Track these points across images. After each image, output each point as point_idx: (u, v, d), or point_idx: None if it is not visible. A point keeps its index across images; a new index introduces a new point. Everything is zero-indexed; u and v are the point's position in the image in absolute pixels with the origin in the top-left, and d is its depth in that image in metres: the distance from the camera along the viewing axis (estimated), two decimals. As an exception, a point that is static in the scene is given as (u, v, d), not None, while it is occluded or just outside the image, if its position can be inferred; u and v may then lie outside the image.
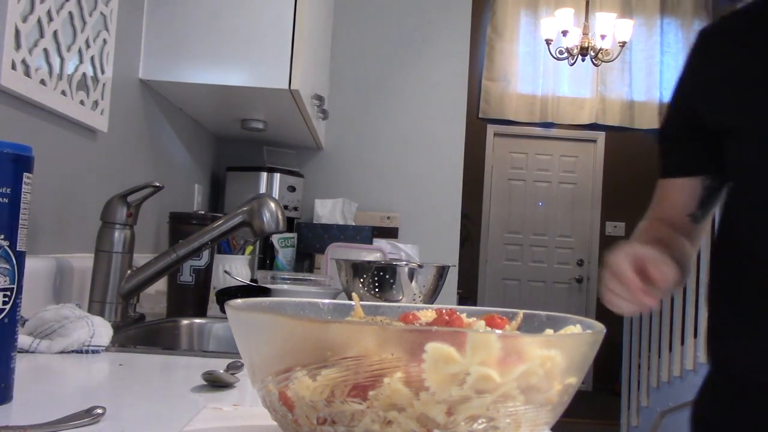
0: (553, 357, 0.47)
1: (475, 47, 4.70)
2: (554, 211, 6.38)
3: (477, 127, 6.07)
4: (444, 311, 0.54)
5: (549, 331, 0.58)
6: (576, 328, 0.55)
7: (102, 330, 0.98)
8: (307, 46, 1.91)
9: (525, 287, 6.36)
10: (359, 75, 3.03)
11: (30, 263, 0.79)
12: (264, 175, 2.62)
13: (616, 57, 5.37)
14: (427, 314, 0.61)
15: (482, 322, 0.52)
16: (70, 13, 1.31)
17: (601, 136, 6.30)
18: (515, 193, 6.39)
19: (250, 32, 1.80)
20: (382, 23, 3.08)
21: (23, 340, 0.92)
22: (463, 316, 0.58)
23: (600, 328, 0.53)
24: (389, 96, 3.03)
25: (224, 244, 1.99)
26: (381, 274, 1.50)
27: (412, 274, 1.52)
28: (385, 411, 0.45)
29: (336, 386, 0.46)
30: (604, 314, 1.03)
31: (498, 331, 0.47)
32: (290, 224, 2.65)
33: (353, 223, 2.81)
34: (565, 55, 5.32)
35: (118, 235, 1.23)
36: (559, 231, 6.37)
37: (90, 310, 1.20)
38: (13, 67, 1.11)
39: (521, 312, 0.62)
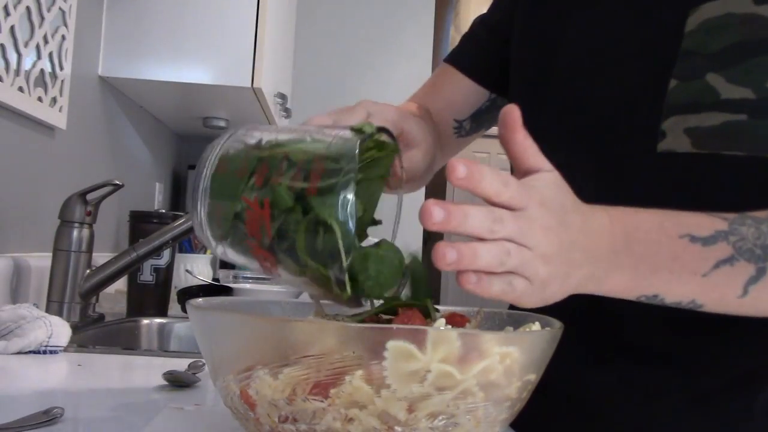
0: (513, 354, 0.47)
1: (438, 48, 4.72)
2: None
3: (440, 126, 6.09)
4: (405, 310, 0.55)
5: (509, 329, 0.59)
6: (535, 326, 0.56)
7: (60, 330, 0.97)
8: (270, 43, 1.90)
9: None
10: (322, 74, 3.03)
11: (-14, 262, 0.78)
12: (226, 173, 2.60)
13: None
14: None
15: (442, 320, 0.53)
16: (28, 8, 1.29)
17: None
18: (478, 192, 6.43)
19: (213, 29, 1.78)
20: (345, 22, 3.08)
21: (-21, 340, 0.91)
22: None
23: (558, 325, 0.54)
24: (352, 95, 3.03)
25: (186, 243, 1.97)
26: (344, 273, 1.50)
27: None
28: (346, 409, 0.45)
29: (297, 384, 0.46)
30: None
31: (458, 329, 0.48)
32: (253, 223, 2.63)
33: (316, 222, 2.80)
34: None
35: (77, 234, 1.22)
36: (520, 230, 6.42)
37: (48, 310, 1.18)
38: (-31, 62, 1.09)
39: (482, 310, 0.63)
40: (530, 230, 0.51)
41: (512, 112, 0.53)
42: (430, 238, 5.23)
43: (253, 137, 0.59)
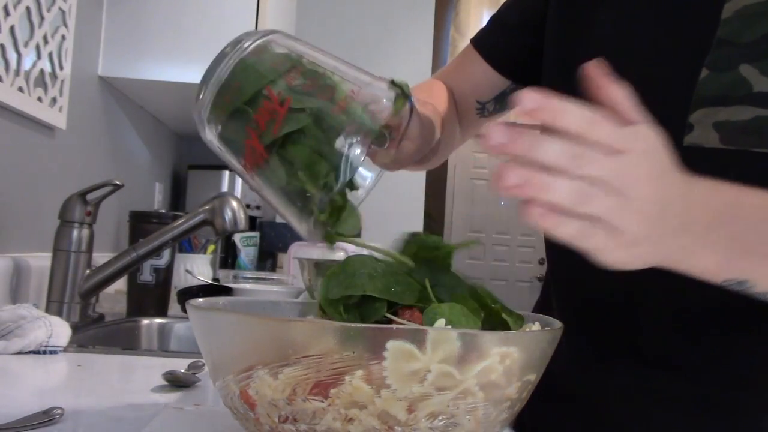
0: (513, 354, 0.47)
1: (438, 48, 4.72)
2: (517, 210, 6.42)
3: (440, 126, 6.08)
4: (404, 309, 0.55)
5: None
6: (535, 326, 0.56)
7: (60, 330, 0.97)
8: (269, 44, 1.90)
9: (487, 286, 6.37)
10: (322, 74, 3.02)
11: (-14, 262, 0.78)
12: (226, 173, 2.61)
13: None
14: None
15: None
16: (28, 8, 1.29)
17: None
18: (478, 192, 6.44)
19: (212, 29, 1.78)
20: (344, 22, 3.07)
21: (-21, 340, 0.91)
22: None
23: (558, 325, 0.54)
24: (352, 95, 3.03)
25: (185, 243, 1.97)
26: (344, 273, 1.50)
27: (374, 273, 1.52)
28: (346, 409, 0.45)
29: (297, 384, 0.46)
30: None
31: (458, 329, 0.48)
32: (253, 223, 2.63)
33: (316, 222, 2.80)
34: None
35: (77, 234, 1.22)
36: (521, 230, 6.43)
37: (48, 310, 1.18)
38: (-31, 62, 1.09)
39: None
40: (633, 174, 0.43)
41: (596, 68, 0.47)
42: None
43: (294, 48, 0.59)
